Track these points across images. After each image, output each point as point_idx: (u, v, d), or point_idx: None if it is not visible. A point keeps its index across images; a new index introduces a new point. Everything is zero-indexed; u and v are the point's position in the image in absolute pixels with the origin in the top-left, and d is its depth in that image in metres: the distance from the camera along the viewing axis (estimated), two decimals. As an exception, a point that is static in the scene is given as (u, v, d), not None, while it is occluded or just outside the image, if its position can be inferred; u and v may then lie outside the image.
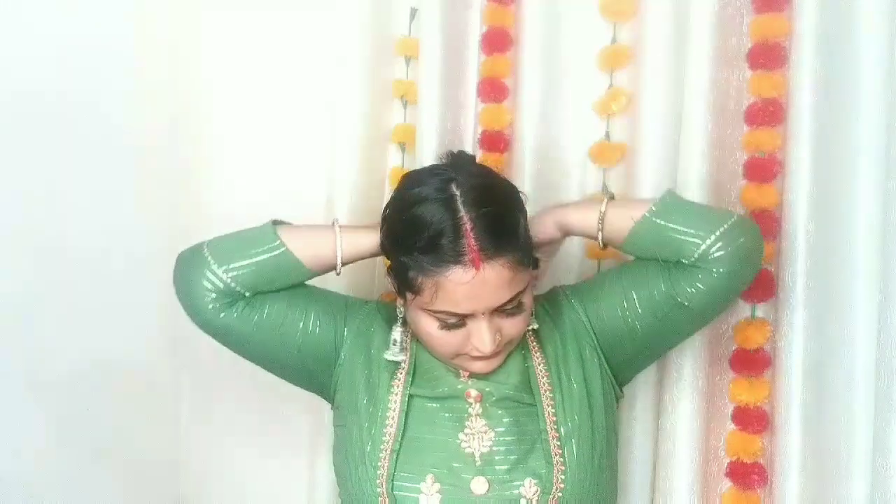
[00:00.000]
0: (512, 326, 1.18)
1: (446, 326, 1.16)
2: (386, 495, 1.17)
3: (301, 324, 1.24)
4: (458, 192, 1.12)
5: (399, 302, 1.24)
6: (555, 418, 1.20)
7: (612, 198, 1.25)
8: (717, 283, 1.17)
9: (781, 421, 1.35)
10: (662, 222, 1.19)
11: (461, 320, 1.15)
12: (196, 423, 1.62)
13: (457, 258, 1.10)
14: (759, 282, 1.36)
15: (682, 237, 1.18)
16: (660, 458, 1.44)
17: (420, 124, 1.53)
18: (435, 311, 1.14)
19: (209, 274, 1.20)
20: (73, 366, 1.49)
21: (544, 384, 1.22)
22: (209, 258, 1.22)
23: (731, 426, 1.42)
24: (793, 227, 1.34)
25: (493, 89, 1.53)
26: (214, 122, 1.62)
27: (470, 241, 1.09)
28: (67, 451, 1.50)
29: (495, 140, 1.53)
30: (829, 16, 1.31)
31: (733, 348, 1.42)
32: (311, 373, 1.28)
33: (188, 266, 1.23)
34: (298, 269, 1.24)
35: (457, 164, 1.20)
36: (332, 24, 1.55)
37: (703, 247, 1.16)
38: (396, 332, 1.25)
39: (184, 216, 1.61)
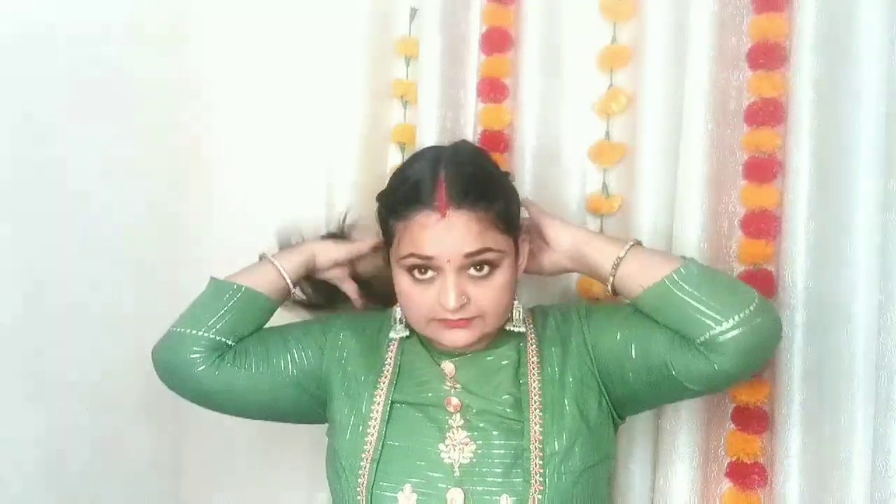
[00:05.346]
0: (481, 294, 1.17)
1: (416, 281, 1.18)
2: None
3: (287, 356, 1.29)
4: (444, 155, 1.21)
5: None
6: (541, 437, 1.18)
7: (637, 244, 1.24)
8: (717, 374, 1.15)
9: (781, 421, 1.35)
10: (680, 293, 1.17)
11: (428, 272, 1.17)
12: (196, 426, 1.61)
13: (427, 203, 1.16)
14: (759, 282, 1.37)
15: (698, 314, 1.15)
16: (660, 458, 1.44)
17: (420, 124, 1.53)
18: (403, 257, 1.18)
19: (191, 341, 1.26)
20: (74, 367, 1.49)
21: (535, 402, 1.21)
22: (184, 331, 1.27)
23: (731, 426, 1.42)
24: (793, 227, 1.33)
25: (493, 89, 1.53)
26: (214, 123, 1.62)
27: (441, 190, 1.16)
28: (67, 452, 1.50)
29: (495, 140, 1.53)
30: (829, 16, 1.31)
31: (733, 348, 1.42)
32: (317, 399, 1.30)
33: (168, 350, 1.28)
34: (264, 301, 1.31)
35: (456, 143, 1.28)
36: (332, 23, 1.56)
37: (717, 330, 1.13)
38: (398, 311, 1.28)
39: (184, 217, 1.61)
